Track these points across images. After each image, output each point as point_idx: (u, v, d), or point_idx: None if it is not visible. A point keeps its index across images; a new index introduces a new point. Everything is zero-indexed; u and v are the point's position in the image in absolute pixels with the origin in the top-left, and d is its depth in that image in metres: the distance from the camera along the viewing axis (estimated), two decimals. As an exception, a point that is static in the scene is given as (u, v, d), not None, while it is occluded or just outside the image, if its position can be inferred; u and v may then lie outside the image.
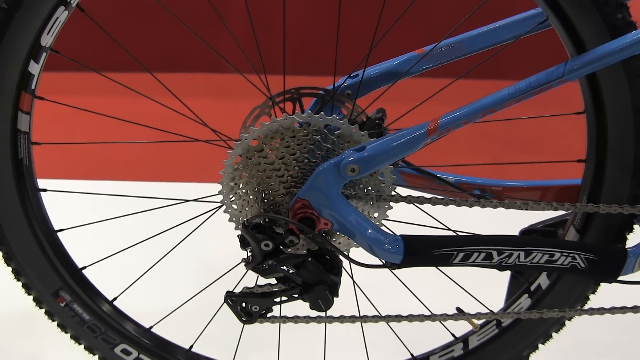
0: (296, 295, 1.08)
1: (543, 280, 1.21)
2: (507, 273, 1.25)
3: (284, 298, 1.09)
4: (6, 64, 1.05)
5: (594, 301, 1.20)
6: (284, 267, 1.05)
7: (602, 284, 1.19)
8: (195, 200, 1.18)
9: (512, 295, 1.25)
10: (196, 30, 1.40)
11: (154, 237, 1.25)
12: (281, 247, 1.06)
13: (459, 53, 1.14)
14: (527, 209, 1.08)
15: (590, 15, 1.00)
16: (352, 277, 1.19)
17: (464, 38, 1.13)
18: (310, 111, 1.10)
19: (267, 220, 1.06)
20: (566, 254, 1.09)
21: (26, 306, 1.22)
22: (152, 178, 2.15)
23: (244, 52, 1.12)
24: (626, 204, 1.10)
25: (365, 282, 1.25)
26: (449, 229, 1.15)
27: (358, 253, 1.09)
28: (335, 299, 1.08)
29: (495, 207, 1.07)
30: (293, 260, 1.06)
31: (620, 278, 1.13)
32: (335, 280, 1.07)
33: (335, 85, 1.13)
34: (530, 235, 1.21)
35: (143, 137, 1.81)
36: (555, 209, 1.09)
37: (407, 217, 1.13)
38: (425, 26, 1.98)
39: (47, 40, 1.05)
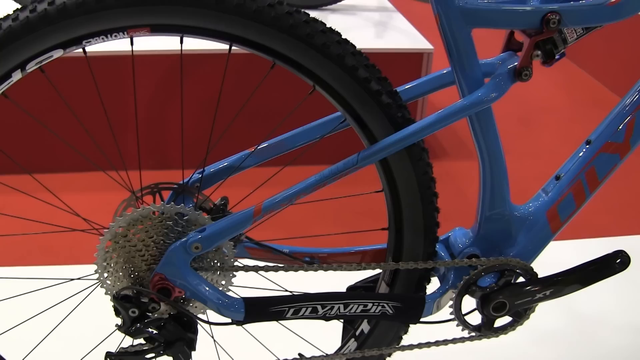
0: (162, 352, 1.34)
1: (365, 326, 1.49)
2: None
3: (152, 355, 1.35)
4: None
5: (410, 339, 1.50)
6: (149, 329, 1.32)
7: (410, 325, 1.50)
8: (78, 278, 1.43)
9: (343, 339, 1.55)
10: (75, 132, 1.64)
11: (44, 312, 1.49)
12: (146, 313, 1.33)
13: (282, 149, 1.43)
14: (342, 270, 1.38)
15: (377, 115, 1.30)
16: (211, 335, 1.46)
17: (285, 137, 1.42)
18: (163, 202, 1.37)
19: (133, 291, 1.32)
20: (377, 304, 1.39)
21: None
22: (37, 263, 2.34)
23: (110, 161, 1.40)
24: (421, 260, 1.42)
25: (224, 336, 1.51)
26: (285, 289, 1.43)
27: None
28: (193, 352, 1.35)
29: (316, 270, 1.37)
30: (155, 323, 1.31)
31: (423, 319, 1.45)
32: (192, 337, 1.34)
33: (186, 180, 1.41)
34: (351, 291, 1.50)
35: (26, 229, 2.03)
36: (364, 269, 1.39)
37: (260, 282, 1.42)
38: (256, 127, 2.27)
39: None
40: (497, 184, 1.40)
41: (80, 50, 1.23)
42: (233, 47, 1.25)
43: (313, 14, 1.26)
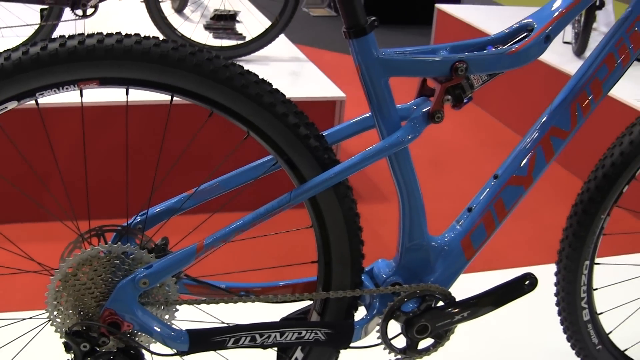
0: (113, 382, 1.44)
1: (299, 354, 1.62)
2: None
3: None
4: None
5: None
6: (100, 362, 1.42)
7: (341, 350, 1.63)
8: (30, 318, 1.52)
9: (278, 368, 1.67)
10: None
11: None
12: (97, 347, 1.43)
13: (219, 191, 1.55)
14: (277, 301, 1.51)
15: (306, 157, 1.45)
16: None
17: (221, 180, 1.54)
18: (109, 243, 1.48)
19: (83, 327, 1.42)
20: (310, 331, 1.53)
21: None
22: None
23: (62, 207, 1.50)
24: (349, 289, 1.56)
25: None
26: (224, 322, 1.55)
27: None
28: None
29: (253, 301, 1.50)
30: (106, 356, 1.42)
31: (352, 345, 1.59)
32: (140, 368, 1.45)
33: (129, 222, 1.52)
34: (286, 321, 1.63)
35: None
36: (297, 299, 1.52)
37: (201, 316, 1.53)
38: (195, 171, 2.41)
39: None
40: (415, 217, 1.55)
41: (33, 101, 1.34)
42: (175, 98, 1.38)
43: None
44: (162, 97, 1.42)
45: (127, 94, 1.37)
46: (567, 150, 1.76)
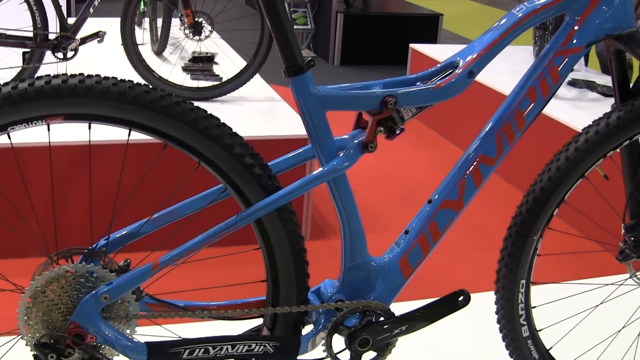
0: (77, 392, 1.60)
1: (250, 368, 1.79)
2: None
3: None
4: None
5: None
6: (65, 372, 1.58)
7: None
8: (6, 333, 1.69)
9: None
10: None
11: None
12: (63, 358, 1.59)
13: (175, 217, 1.72)
14: (230, 318, 1.68)
15: (251, 184, 1.62)
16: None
17: (177, 207, 1.70)
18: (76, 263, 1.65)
19: (51, 339, 1.58)
20: (260, 344, 1.69)
21: None
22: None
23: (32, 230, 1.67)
24: (295, 305, 1.73)
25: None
26: (180, 337, 1.71)
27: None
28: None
29: (208, 318, 1.67)
30: (71, 366, 1.59)
31: (299, 357, 1.76)
32: (102, 378, 1.61)
33: (93, 246, 1.69)
34: (238, 335, 1.79)
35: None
36: (248, 316, 1.70)
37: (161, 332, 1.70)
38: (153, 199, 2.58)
39: None
40: (355, 238, 1.73)
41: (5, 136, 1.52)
42: (132, 132, 1.56)
43: (205, 104, 1.58)
44: (125, 134, 1.59)
45: (89, 128, 1.54)
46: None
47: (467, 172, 1.78)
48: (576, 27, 1.78)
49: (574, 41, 1.78)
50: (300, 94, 1.61)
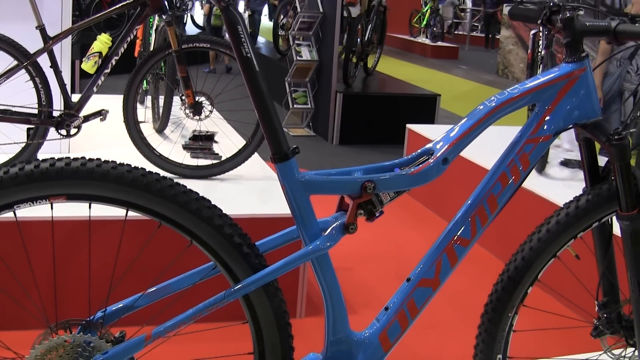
0: None
1: None
2: None
3: None
4: None
5: None
6: None
7: None
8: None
9: None
10: None
11: None
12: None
13: (168, 292, 1.83)
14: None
15: (239, 262, 1.76)
16: None
17: (170, 282, 1.81)
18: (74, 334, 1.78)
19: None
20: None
21: None
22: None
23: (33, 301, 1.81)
24: (279, 376, 1.86)
25: None
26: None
27: None
28: None
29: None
30: None
31: None
32: None
33: (91, 317, 1.82)
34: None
35: None
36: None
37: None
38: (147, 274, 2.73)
39: None
40: (337, 314, 1.86)
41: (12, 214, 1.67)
42: (129, 212, 1.71)
43: (204, 183, 1.72)
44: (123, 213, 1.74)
45: (89, 207, 1.69)
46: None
47: (443, 252, 1.92)
48: (545, 117, 1.94)
49: (544, 129, 1.94)
50: (286, 179, 1.76)
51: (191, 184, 1.76)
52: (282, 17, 11.38)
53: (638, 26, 1.90)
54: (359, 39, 9.30)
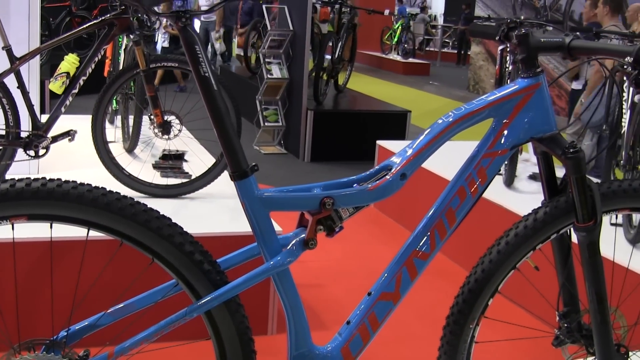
0: None
1: None
2: None
3: None
4: None
5: None
6: None
7: None
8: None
9: None
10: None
11: None
12: None
13: (131, 310, 1.84)
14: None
15: (200, 278, 1.78)
16: None
17: (134, 300, 1.83)
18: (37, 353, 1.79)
19: None
20: None
21: None
22: None
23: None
24: (243, 391, 1.87)
25: None
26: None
27: None
28: None
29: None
30: None
31: None
32: None
33: (54, 337, 1.83)
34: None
35: None
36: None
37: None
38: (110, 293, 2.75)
39: None
40: (299, 328, 1.88)
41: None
42: (91, 232, 1.73)
43: (174, 202, 1.74)
44: (83, 233, 1.75)
45: (51, 227, 1.71)
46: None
47: (403, 266, 1.94)
48: (502, 131, 1.97)
49: (501, 143, 1.97)
50: (245, 196, 1.79)
51: (161, 204, 1.78)
52: (252, 35, 11.41)
53: (591, 42, 1.94)
54: (329, 57, 9.36)
